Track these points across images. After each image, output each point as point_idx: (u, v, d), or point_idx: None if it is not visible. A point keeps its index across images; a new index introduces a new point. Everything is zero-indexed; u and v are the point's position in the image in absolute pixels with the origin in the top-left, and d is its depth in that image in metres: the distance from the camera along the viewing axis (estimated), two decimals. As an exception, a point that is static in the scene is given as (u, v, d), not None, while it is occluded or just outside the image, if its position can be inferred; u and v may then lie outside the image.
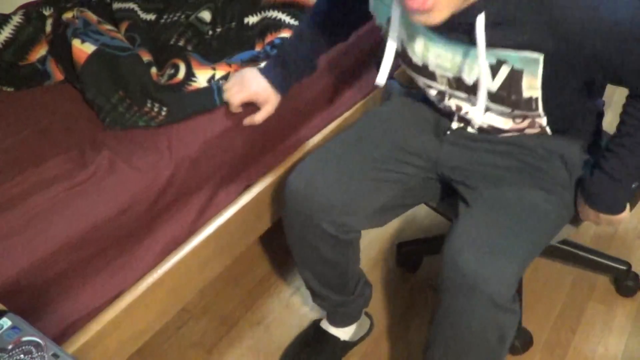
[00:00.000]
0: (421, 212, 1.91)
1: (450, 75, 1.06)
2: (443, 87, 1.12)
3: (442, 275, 1.09)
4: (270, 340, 1.60)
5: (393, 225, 1.89)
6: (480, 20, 0.92)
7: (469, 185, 1.18)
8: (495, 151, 1.19)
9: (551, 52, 0.92)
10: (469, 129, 1.20)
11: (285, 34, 1.54)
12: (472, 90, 1.06)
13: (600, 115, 1.24)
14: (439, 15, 0.88)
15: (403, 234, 1.87)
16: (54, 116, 1.39)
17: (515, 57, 0.95)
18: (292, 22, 1.59)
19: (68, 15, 1.54)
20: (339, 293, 1.39)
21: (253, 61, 1.48)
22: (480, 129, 1.18)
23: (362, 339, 1.57)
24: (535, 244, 1.10)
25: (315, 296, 1.43)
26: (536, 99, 1.01)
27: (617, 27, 0.89)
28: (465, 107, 1.14)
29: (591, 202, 1.14)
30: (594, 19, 0.88)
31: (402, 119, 1.28)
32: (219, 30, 1.60)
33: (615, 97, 2.19)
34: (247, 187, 1.42)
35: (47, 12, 1.63)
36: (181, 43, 1.54)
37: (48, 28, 1.58)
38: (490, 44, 0.95)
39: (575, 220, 1.23)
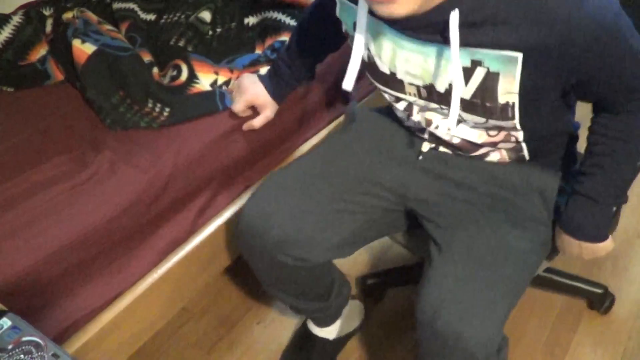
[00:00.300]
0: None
1: (420, 83, 0.99)
2: (412, 99, 1.04)
3: (418, 333, 1.02)
4: (270, 340, 1.60)
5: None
6: (454, 17, 0.85)
7: (439, 225, 1.10)
8: (469, 185, 1.12)
9: (531, 49, 0.86)
10: (441, 149, 1.13)
11: (285, 37, 1.54)
12: (443, 99, 0.99)
13: (574, 139, 1.17)
14: (403, 8, 0.82)
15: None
16: (54, 116, 1.39)
17: (492, 56, 0.88)
18: (292, 22, 1.59)
19: (68, 15, 1.54)
20: (316, 301, 1.33)
21: (254, 65, 1.48)
22: (453, 146, 1.11)
23: (355, 330, 1.55)
24: (517, 290, 1.03)
25: (291, 307, 1.38)
26: (512, 106, 0.94)
27: (600, 25, 0.85)
28: (436, 120, 1.06)
29: (572, 231, 1.07)
30: (578, 15, 0.83)
31: (368, 145, 1.20)
32: (219, 30, 1.60)
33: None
34: (247, 187, 1.42)
35: (47, 12, 1.63)
36: (181, 43, 1.54)
37: (48, 28, 1.58)
38: (466, 43, 0.87)
39: (550, 254, 1.17)
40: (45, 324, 1.08)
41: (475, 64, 0.91)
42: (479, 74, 0.91)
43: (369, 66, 1.05)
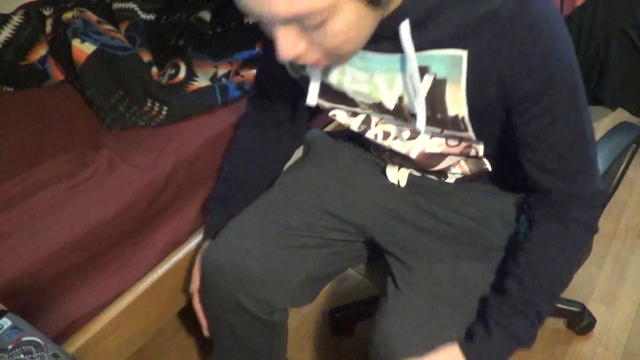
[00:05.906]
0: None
1: (369, 102, 0.96)
2: (368, 111, 1.00)
3: None
4: (270, 340, 1.60)
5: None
6: (405, 28, 0.84)
7: (399, 258, 1.06)
8: (430, 213, 1.08)
9: (475, 46, 0.83)
10: (402, 173, 1.09)
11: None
12: (396, 114, 0.96)
13: None
14: (347, 57, 0.84)
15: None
16: (54, 116, 1.39)
17: (439, 58, 0.86)
18: (292, 22, 1.59)
19: (68, 15, 1.54)
20: None
21: (253, 61, 1.48)
22: (412, 162, 1.04)
23: None
24: None
25: None
26: (462, 119, 0.90)
27: (542, 30, 0.81)
28: (394, 132, 1.02)
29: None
30: (523, 14, 0.79)
31: (326, 176, 1.17)
32: (219, 30, 1.60)
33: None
34: (247, 187, 1.42)
35: (47, 12, 1.63)
36: (181, 43, 1.55)
37: (48, 28, 1.58)
38: (415, 47, 0.86)
39: None
40: (45, 324, 1.08)
41: (423, 71, 0.88)
42: (427, 82, 0.89)
43: (322, 87, 1.01)
